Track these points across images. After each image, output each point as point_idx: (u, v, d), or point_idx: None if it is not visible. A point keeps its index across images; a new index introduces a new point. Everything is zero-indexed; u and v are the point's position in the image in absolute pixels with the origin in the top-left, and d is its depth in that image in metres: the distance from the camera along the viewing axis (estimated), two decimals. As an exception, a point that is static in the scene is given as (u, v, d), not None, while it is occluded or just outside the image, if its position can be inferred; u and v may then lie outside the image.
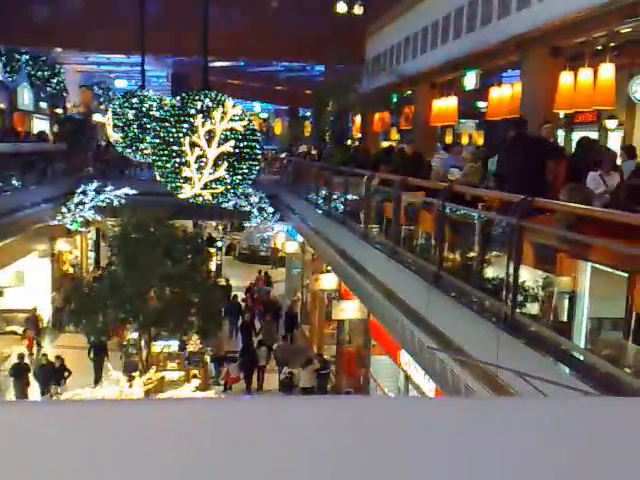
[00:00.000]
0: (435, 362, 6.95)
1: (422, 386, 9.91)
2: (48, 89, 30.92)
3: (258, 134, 20.29)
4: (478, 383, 5.70)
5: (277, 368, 17.11)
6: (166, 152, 16.76)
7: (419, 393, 10.11)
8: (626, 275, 4.76)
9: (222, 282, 22.34)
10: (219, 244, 29.43)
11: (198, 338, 15.72)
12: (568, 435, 0.77)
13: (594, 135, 14.96)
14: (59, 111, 32.50)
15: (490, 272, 6.67)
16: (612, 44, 11.91)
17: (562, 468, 0.70)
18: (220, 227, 32.20)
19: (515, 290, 5.53)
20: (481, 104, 21.08)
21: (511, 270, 5.56)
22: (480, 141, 25.38)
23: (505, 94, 14.72)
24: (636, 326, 4.66)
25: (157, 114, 19.78)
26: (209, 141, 17.78)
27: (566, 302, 5.67)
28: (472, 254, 7.33)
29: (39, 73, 29.91)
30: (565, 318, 5.64)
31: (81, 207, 20.16)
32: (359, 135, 25.24)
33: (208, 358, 16.94)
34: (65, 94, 32.51)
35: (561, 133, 16.65)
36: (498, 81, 15.82)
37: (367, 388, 13.80)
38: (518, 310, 5.55)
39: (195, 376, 15.37)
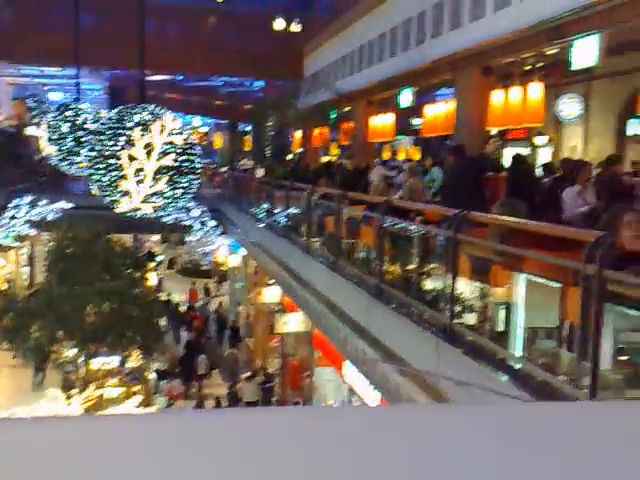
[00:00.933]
0: (377, 372, 7.06)
1: (365, 396, 10.06)
2: (-22, 101, 29.90)
3: (198, 148, 20.16)
4: (419, 392, 5.86)
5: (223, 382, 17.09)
6: (103, 165, 16.43)
7: (362, 403, 10.25)
8: (559, 286, 4.98)
9: (163, 297, 22.03)
10: (159, 258, 28.99)
11: (140, 354, 15.44)
12: (507, 440, 0.80)
13: (525, 151, 15.57)
14: (-10, 124, 31.41)
15: (429, 284, 6.87)
16: (540, 64, 12.50)
17: (503, 471, 0.74)
18: (161, 241, 31.73)
19: (453, 301, 5.71)
20: (417, 121, 21.59)
21: (449, 282, 5.75)
22: (416, 157, 25.95)
23: (439, 112, 15.17)
24: (569, 335, 4.87)
25: (93, 127, 19.44)
26: (148, 154, 17.56)
27: (502, 312, 5.89)
28: (412, 266, 7.53)
29: (-32, 85, 28.89)
30: (502, 328, 5.86)
31: (14, 222, 19.57)
32: (299, 150, 25.44)
33: (150, 374, 16.67)
34: (-4, 106, 31.51)
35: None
36: (433, 99, 16.28)
37: (311, 400, 13.88)
38: (456, 320, 5.73)
39: (136, 393, 15.09)
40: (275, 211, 14.13)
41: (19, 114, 35.07)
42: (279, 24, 26.18)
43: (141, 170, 17.46)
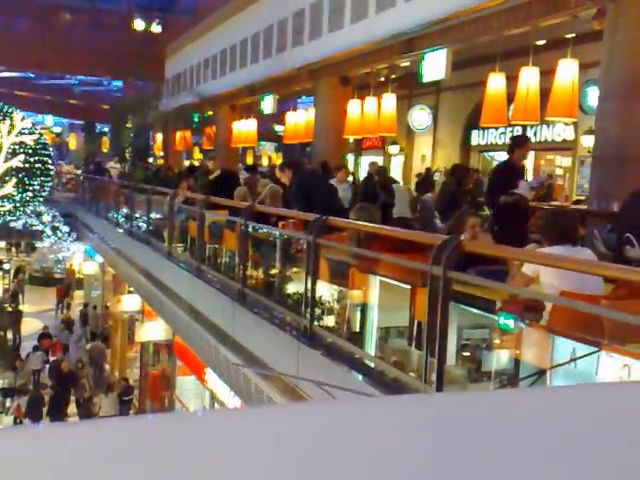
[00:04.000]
0: (240, 378, 7.03)
1: (227, 403, 10.01)
2: None
3: (50, 149, 19.11)
4: (280, 395, 5.93)
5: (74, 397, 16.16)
6: (-57, 167, 15.15)
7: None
8: (409, 287, 5.25)
9: (9, 308, 20.57)
10: (6, 266, 27.09)
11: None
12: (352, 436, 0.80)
13: (379, 160, 16.25)
14: None
15: (291, 288, 6.98)
16: (393, 76, 13.12)
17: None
18: (7, 248, 29.69)
19: (313, 304, 5.84)
20: (280, 127, 21.86)
21: (309, 285, 5.88)
22: (279, 162, 26.24)
23: (300, 119, 15.46)
24: (417, 333, 5.14)
25: None
26: (-6, 155, 16.34)
27: (358, 314, 6.12)
28: (274, 271, 7.61)
29: None
30: (358, 328, 6.07)
31: None
32: (161, 153, 24.85)
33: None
34: None
35: (351, 157, 17.87)
36: (294, 106, 16.56)
37: (172, 410, 13.57)
38: (316, 323, 5.86)
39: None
40: (135, 216, 13.70)
41: None
42: (138, 24, 25.49)
43: (-13, 172, 16.28)
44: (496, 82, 10.14)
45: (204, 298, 8.51)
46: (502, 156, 16.12)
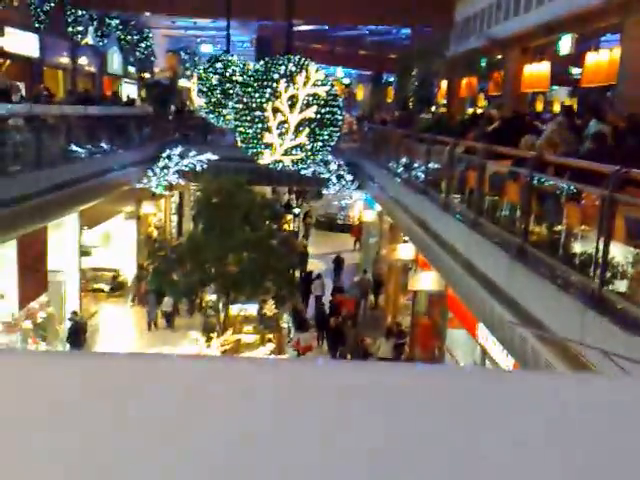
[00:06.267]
0: (514, 337, 6.71)
1: (499, 361, 9.64)
2: (137, 53, 31.58)
3: (340, 100, 19.90)
4: (559, 361, 5.44)
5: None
6: (248, 118, 16.79)
7: (495, 368, 9.83)
8: None
9: (300, 249, 22.42)
10: (296, 211, 29.57)
11: (274, 303, 15.88)
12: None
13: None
14: (147, 75, 33.17)
15: (577, 247, 6.32)
16: None
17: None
18: (297, 194, 32.41)
19: (604, 266, 5.20)
20: (575, 70, 20.03)
21: (601, 245, 5.23)
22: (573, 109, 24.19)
23: (602, 60, 13.88)
24: None
25: (240, 79, 19.84)
26: (291, 107, 17.63)
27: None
28: (559, 227, 6.97)
29: (128, 37, 30.53)
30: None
31: (165, 171, 20.59)
32: (444, 101, 24.55)
33: (285, 323, 17.13)
34: (153, 59, 33.12)
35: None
36: (595, 46, 14.93)
37: (442, 361, 13.59)
38: (606, 287, 5.22)
39: (270, 340, 15.60)
40: (414, 166, 13.73)
41: (172, 66, 36.75)
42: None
43: (284, 122, 17.60)
44: None
45: (480, 252, 8.20)
46: None
